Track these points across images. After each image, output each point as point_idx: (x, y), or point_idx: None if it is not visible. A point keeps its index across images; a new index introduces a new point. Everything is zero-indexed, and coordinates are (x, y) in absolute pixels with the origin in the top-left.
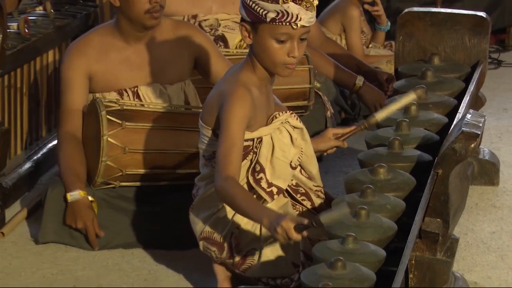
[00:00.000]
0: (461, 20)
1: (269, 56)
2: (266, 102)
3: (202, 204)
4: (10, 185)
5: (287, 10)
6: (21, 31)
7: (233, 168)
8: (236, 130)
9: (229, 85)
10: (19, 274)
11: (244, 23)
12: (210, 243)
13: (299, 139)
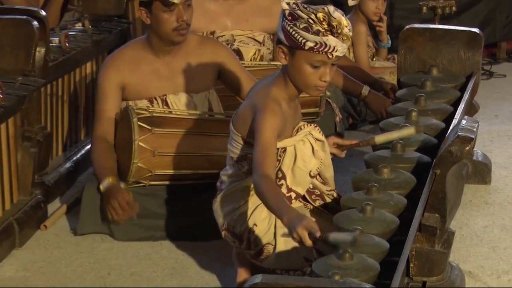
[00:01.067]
0: (457, 36)
1: (303, 79)
2: (294, 114)
3: (226, 199)
4: (52, 183)
5: (326, 42)
6: (62, 45)
7: (268, 168)
8: (269, 136)
9: (262, 99)
10: (59, 263)
11: (282, 46)
12: (231, 235)
13: (320, 151)
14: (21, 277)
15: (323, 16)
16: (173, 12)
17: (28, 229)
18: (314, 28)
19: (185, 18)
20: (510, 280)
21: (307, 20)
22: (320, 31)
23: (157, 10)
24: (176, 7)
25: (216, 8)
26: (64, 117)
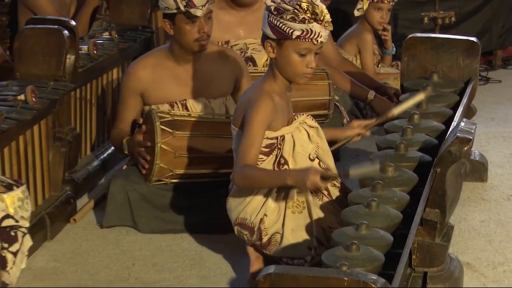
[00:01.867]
0: (456, 44)
1: (291, 68)
2: (286, 106)
3: (237, 197)
4: (81, 180)
5: (312, 29)
6: (91, 52)
7: (250, 160)
8: (256, 132)
9: (255, 93)
10: (87, 254)
11: (270, 40)
12: (243, 227)
13: (315, 136)
14: (52, 267)
15: (307, 5)
16: (195, 24)
17: (58, 223)
18: (300, 17)
19: (206, 29)
20: (505, 271)
21: (293, 11)
22: (306, 19)
23: (180, 22)
24: (198, 19)
25: (230, 19)
26: (92, 119)
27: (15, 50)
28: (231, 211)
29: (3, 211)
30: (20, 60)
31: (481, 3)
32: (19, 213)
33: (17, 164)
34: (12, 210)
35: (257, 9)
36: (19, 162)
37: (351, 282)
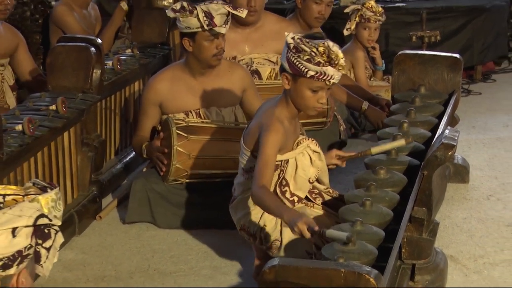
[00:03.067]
0: (441, 60)
1: (303, 101)
2: (294, 130)
3: (240, 205)
4: (106, 181)
5: (325, 71)
6: (115, 67)
7: (266, 180)
8: (270, 153)
9: (267, 118)
10: (111, 247)
11: (286, 73)
12: (246, 233)
13: (317, 160)
14: (80, 259)
15: (323, 49)
16: (213, 41)
17: (86, 220)
18: (316, 60)
19: (223, 45)
20: (485, 263)
21: (309, 53)
22: (321, 62)
23: (200, 39)
24: (217, 37)
25: (236, 36)
26: (116, 126)
27: (48, 65)
28: (234, 216)
29: (38, 211)
30: (52, 74)
31: (463, 23)
32: (53, 213)
33: (49, 167)
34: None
35: (259, 27)
36: (51, 165)
37: (348, 273)
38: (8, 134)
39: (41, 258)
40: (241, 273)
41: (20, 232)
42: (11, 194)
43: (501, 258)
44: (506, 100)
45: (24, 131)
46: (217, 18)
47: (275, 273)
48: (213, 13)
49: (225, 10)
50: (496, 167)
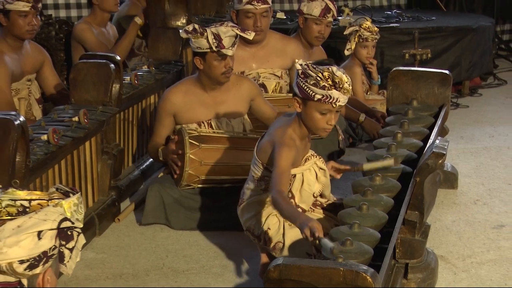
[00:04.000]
0: (432, 76)
1: (313, 123)
2: (304, 148)
3: (247, 208)
4: (124, 186)
5: (331, 95)
6: (133, 82)
7: (283, 186)
8: (284, 164)
9: (280, 136)
10: (129, 247)
11: (297, 98)
12: (251, 235)
13: (322, 177)
14: (100, 258)
15: (328, 74)
16: (222, 61)
17: (105, 222)
18: (321, 84)
19: (231, 64)
20: (473, 262)
21: (315, 78)
22: (326, 86)
23: (210, 59)
24: (225, 57)
25: (244, 54)
26: (133, 136)
27: (71, 80)
28: (241, 218)
29: (62, 215)
30: (75, 88)
31: (452, 43)
32: (75, 216)
33: (72, 174)
34: (69, 214)
35: (265, 45)
36: (74, 172)
37: (346, 271)
38: (34, 143)
39: (64, 258)
40: (248, 272)
41: (45, 234)
42: (36, 199)
43: (487, 258)
44: (492, 113)
45: (49, 140)
46: (226, 40)
47: (279, 271)
48: (221, 35)
49: (233, 33)
50: (482, 174)
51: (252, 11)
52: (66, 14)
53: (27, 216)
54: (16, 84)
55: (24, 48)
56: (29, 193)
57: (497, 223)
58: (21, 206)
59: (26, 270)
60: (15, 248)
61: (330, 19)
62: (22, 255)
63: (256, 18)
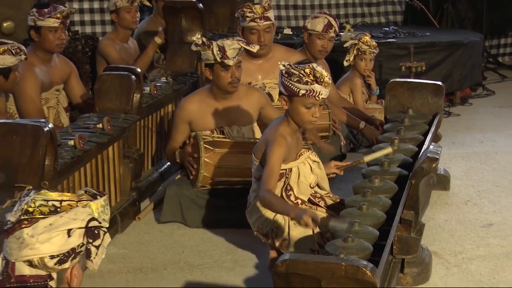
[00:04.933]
0: (426, 87)
1: (300, 117)
2: (296, 144)
3: (253, 210)
4: (144, 187)
5: (314, 88)
6: (152, 92)
7: (271, 185)
8: (275, 162)
9: (272, 134)
10: (148, 244)
11: (283, 96)
12: (260, 234)
13: (316, 168)
14: (121, 253)
15: (309, 70)
16: (228, 71)
17: (127, 220)
18: (304, 80)
19: (236, 75)
20: (464, 258)
21: (298, 75)
22: (308, 81)
23: (217, 69)
24: (230, 67)
25: (250, 66)
26: (152, 142)
27: (96, 91)
28: (250, 219)
29: (90, 215)
30: (99, 98)
31: (444, 56)
32: (102, 217)
33: (96, 176)
34: (97, 214)
35: (270, 57)
36: (98, 174)
37: (347, 266)
38: (62, 148)
39: (91, 254)
40: (257, 266)
41: (74, 232)
42: (66, 200)
43: (477, 254)
44: (481, 120)
45: (75, 145)
46: (229, 52)
47: (286, 266)
48: (226, 47)
49: (238, 45)
50: (472, 177)
51: (256, 27)
52: (91, 30)
53: (58, 215)
54: (45, 93)
55: (53, 60)
56: (60, 194)
57: (486, 222)
58: (53, 206)
59: (56, 265)
60: (47, 244)
61: (332, 34)
62: (53, 250)
63: (259, 34)
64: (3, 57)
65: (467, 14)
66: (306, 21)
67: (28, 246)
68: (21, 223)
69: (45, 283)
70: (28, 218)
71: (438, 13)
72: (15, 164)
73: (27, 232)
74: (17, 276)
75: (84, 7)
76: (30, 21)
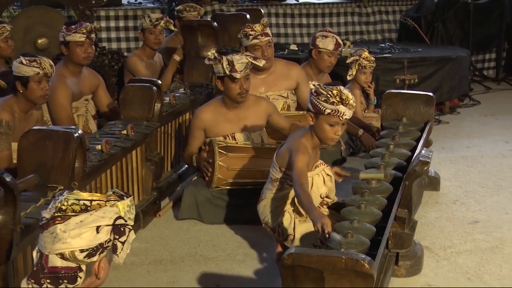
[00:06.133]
0: (418, 97)
1: (324, 134)
2: (314, 157)
3: (265, 205)
4: (164, 187)
5: (339, 109)
6: (171, 102)
7: (303, 181)
8: (301, 165)
9: (297, 144)
10: (168, 238)
11: (310, 112)
12: (268, 228)
13: (328, 181)
14: (143, 247)
15: (336, 92)
16: (237, 83)
17: (148, 217)
18: (331, 100)
19: (244, 86)
20: (452, 252)
21: (326, 95)
22: (335, 102)
23: (227, 82)
24: (239, 80)
25: (254, 80)
26: (172, 146)
27: (121, 100)
28: (260, 214)
29: (117, 214)
30: (124, 107)
31: (435, 70)
32: (127, 215)
33: (121, 177)
34: (123, 213)
35: (272, 71)
36: (122, 175)
37: (347, 259)
38: (90, 152)
39: (117, 249)
40: (266, 259)
41: (103, 229)
42: (96, 200)
43: (464, 248)
44: (468, 128)
45: (102, 150)
46: (238, 66)
47: (292, 259)
48: (234, 62)
49: (246, 60)
50: (460, 179)
51: (259, 44)
52: (117, 46)
53: (88, 213)
54: (75, 103)
55: (82, 73)
56: (90, 194)
57: (472, 219)
58: (84, 205)
59: (85, 258)
60: (77, 239)
61: (338, 52)
62: (82, 245)
63: (263, 49)
64: (19, 65)
65: (455, 32)
66: (317, 40)
67: (60, 241)
68: (55, 219)
69: (75, 274)
70: (61, 215)
71: (429, 31)
72: (48, 166)
73: (60, 228)
74: (50, 268)
75: (110, 25)
76: (60, 37)
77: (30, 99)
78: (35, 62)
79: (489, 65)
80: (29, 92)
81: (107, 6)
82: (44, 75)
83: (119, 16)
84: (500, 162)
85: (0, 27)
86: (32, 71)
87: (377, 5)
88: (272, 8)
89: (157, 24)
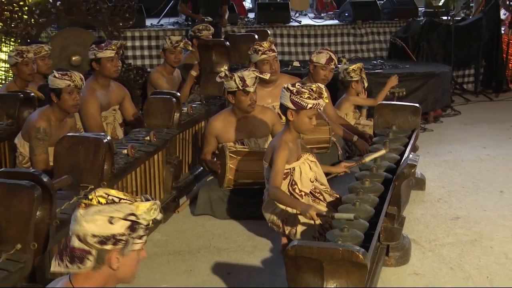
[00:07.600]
0: (407, 108)
1: (304, 126)
2: (296, 148)
3: (267, 206)
4: (182, 187)
5: (319, 102)
6: (188, 111)
7: (278, 183)
8: (280, 165)
9: (278, 142)
10: (185, 232)
11: (290, 110)
12: (273, 225)
13: (314, 166)
14: (164, 239)
15: (315, 88)
16: (248, 96)
17: (168, 213)
18: (313, 96)
19: (254, 98)
20: (436, 244)
21: (308, 92)
22: (316, 97)
23: (239, 95)
24: (250, 93)
25: (262, 92)
26: (189, 151)
27: (144, 110)
28: (265, 214)
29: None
30: (147, 116)
31: (421, 84)
32: (143, 216)
33: (144, 178)
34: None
35: (278, 85)
36: (145, 176)
37: (344, 251)
38: (117, 156)
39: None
40: (272, 250)
41: (117, 222)
42: (124, 199)
43: (447, 241)
44: (450, 135)
45: (128, 154)
46: (248, 81)
47: (295, 250)
48: (245, 77)
49: (254, 75)
50: (443, 180)
51: (267, 58)
52: (141, 63)
53: (108, 206)
54: (104, 112)
55: (110, 86)
56: (121, 193)
57: (454, 215)
58: (112, 200)
59: (96, 243)
60: (91, 225)
61: (332, 66)
62: (94, 230)
63: (270, 63)
64: (53, 79)
65: (439, 51)
66: (312, 56)
67: (78, 223)
68: (80, 205)
69: (85, 256)
70: (87, 203)
71: (416, 50)
72: (80, 168)
73: (80, 212)
74: (71, 247)
75: (136, 44)
76: (90, 55)
77: (63, 108)
78: (67, 76)
79: (469, 79)
80: (62, 102)
81: (133, 28)
82: (75, 87)
83: (143, 36)
84: (479, 165)
85: (39, 47)
86: (64, 84)
87: (370, 27)
88: (277, 29)
89: (177, 45)
